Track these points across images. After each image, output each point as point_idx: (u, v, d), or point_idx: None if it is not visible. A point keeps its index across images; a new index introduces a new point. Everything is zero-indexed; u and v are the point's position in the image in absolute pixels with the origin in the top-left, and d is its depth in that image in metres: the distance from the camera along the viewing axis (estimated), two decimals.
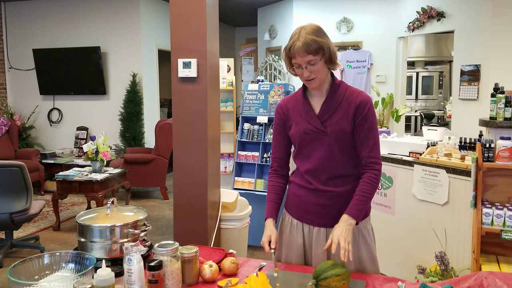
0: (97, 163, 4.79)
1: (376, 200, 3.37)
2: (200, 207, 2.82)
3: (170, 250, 1.52)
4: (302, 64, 1.68)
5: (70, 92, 7.22)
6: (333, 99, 1.75)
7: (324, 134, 1.74)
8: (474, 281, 1.51)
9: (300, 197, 1.84)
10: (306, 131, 1.77)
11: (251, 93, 4.42)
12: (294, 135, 1.82)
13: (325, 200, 1.78)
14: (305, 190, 1.83)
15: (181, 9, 2.75)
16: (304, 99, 1.81)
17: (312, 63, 1.67)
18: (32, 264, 1.50)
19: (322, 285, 1.49)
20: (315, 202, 1.80)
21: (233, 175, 4.41)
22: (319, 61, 1.67)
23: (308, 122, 1.77)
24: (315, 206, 1.80)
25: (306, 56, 1.65)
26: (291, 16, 7.15)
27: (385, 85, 6.67)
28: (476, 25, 5.21)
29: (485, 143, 2.43)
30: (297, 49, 1.65)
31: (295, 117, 1.81)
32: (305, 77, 1.71)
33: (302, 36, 1.65)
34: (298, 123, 1.80)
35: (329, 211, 1.77)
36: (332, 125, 1.73)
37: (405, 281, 1.60)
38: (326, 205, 1.78)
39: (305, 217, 1.83)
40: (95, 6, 7.02)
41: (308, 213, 1.82)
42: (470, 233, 2.65)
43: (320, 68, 1.69)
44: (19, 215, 3.71)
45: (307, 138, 1.78)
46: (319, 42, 1.66)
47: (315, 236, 1.81)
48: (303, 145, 1.81)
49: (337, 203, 1.75)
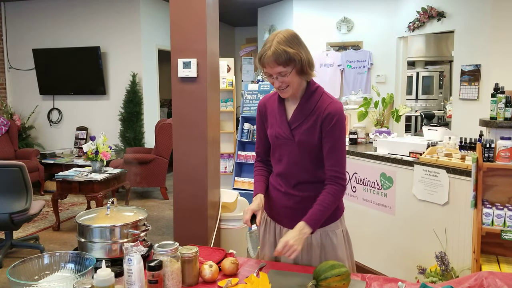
0: (97, 163, 4.79)
1: (376, 200, 3.37)
2: (200, 207, 2.82)
3: (170, 250, 1.52)
4: (273, 74, 1.63)
5: (70, 92, 7.22)
6: (306, 106, 1.72)
7: (292, 141, 1.74)
8: (474, 281, 1.51)
9: (272, 198, 1.87)
10: (277, 135, 1.77)
11: (251, 93, 4.42)
12: (269, 136, 1.83)
13: (293, 204, 1.80)
14: (276, 192, 1.85)
15: (181, 9, 2.75)
16: (279, 102, 1.79)
17: (283, 74, 1.61)
18: (32, 264, 1.50)
19: (322, 285, 1.49)
20: (285, 204, 1.82)
21: (233, 175, 4.41)
22: (290, 72, 1.61)
23: (279, 127, 1.76)
24: (285, 209, 1.82)
25: (276, 67, 1.60)
26: (291, 16, 7.15)
27: (385, 85, 6.67)
28: (477, 25, 5.21)
29: (486, 143, 2.42)
30: (267, 59, 1.59)
31: (271, 119, 1.82)
32: (276, 87, 1.69)
33: (273, 45, 1.58)
34: (272, 125, 1.80)
35: (298, 214, 1.76)
36: (300, 133, 1.72)
37: (405, 281, 1.60)
38: (294, 208, 1.79)
39: (276, 218, 1.87)
40: (95, 6, 7.02)
41: (279, 214, 1.85)
42: (470, 233, 2.65)
43: (292, 79, 1.63)
44: (19, 215, 3.70)
45: (278, 142, 1.78)
46: (290, 53, 1.58)
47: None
48: (275, 148, 1.82)
49: (305, 207, 1.74)
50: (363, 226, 3.47)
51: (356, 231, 3.49)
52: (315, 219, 1.67)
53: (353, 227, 3.33)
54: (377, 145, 3.48)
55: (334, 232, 1.81)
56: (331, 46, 6.96)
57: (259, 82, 5.03)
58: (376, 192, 3.38)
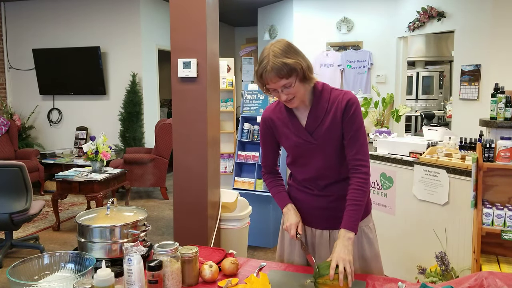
0: (97, 163, 4.79)
1: (376, 200, 3.37)
2: (200, 207, 2.82)
3: (170, 250, 1.52)
4: (277, 88, 1.61)
5: (70, 92, 7.22)
6: (318, 107, 1.70)
7: (315, 145, 1.71)
8: (475, 281, 1.51)
9: (300, 201, 1.83)
10: (296, 144, 1.73)
11: (251, 93, 4.42)
12: (287, 147, 1.79)
13: (326, 204, 1.77)
14: (305, 195, 1.81)
15: (181, 9, 2.75)
16: (288, 111, 1.75)
17: (287, 85, 1.59)
18: (32, 264, 1.50)
19: (319, 282, 1.50)
20: (316, 206, 1.78)
21: (233, 175, 4.41)
22: (294, 83, 1.59)
23: (297, 135, 1.72)
24: (317, 210, 1.79)
25: (279, 81, 1.57)
26: (291, 16, 7.15)
27: (385, 85, 6.67)
28: (477, 25, 5.21)
29: (486, 143, 2.42)
30: (268, 75, 1.57)
31: (283, 130, 1.77)
32: (283, 100, 1.66)
33: (271, 60, 1.56)
34: (288, 136, 1.75)
35: (332, 214, 1.75)
36: (322, 135, 1.69)
37: (405, 282, 1.60)
38: (327, 208, 1.77)
39: (308, 220, 1.82)
40: (95, 6, 7.02)
41: (310, 216, 1.81)
42: (470, 233, 2.65)
43: (297, 89, 1.61)
44: (19, 215, 3.70)
45: (299, 150, 1.75)
46: (290, 64, 1.56)
47: (318, 237, 1.80)
48: (297, 156, 1.78)
49: (338, 205, 1.73)
50: None
51: None
52: (352, 221, 1.64)
53: None
54: (377, 145, 3.48)
55: (368, 226, 1.80)
56: (331, 46, 6.96)
57: None
58: (376, 192, 3.38)
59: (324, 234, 1.79)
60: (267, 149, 1.87)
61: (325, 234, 1.79)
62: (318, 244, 1.80)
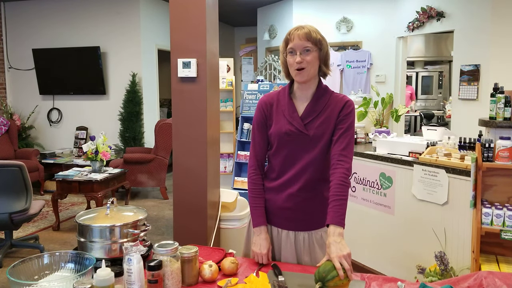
0: (97, 163, 4.80)
1: (376, 200, 3.37)
2: (200, 207, 2.83)
3: (170, 250, 1.52)
4: (297, 50, 1.70)
5: (69, 92, 7.22)
6: (318, 102, 1.76)
7: (306, 137, 1.73)
8: (474, 281, 1.51)
9: (268, 200, 1.84)
10: (287, 131, 1.74)
11: (251, 93, 4.42)
12: (274, 134, 1.78)
13: (293, 204, 1.78)
14: (273, 194, 1.82)
15: (181, 9, 2.75)
16: (289, 99, 1.79)
17: (308, 49, 1.69)
18: (31, 264, 1.50)
19: (331, 285, 1.48)
20: (283, 206, 1.80)
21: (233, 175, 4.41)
22: (314, 52, 1.70)
23: (290, 122, 1.75)
24: (283, 210, 1.80)
25: (305, 42, 1.69)
26: (291, 16, 7.15)
27: (385, 85, 6.67)
28: (476, 25, 5.21)
29: (485, 143, 2.43)
30: (299, 33, 1.70)
31: (277, 116, 1.79)
32: (296, 62, 1.70)
33: (307, 27, 1.73)
34: (279, 122, 1.77)
35: (298, 215, 1.76)
36: (315, 128, 1.73)
37: (404, 281, 1.60)
38: (294, 209, 1.78)
39: (274, 221, 1.83)
40: (95, 6, 7.02)
41: (276, 216, 1.82)
42: (469, 233, 2.65)
43: (313, 60, 1.71)
44: (19, 215, 3.70)
45: (286, 139, 1.75)
46: (321, 39, 1.73)
47: (283, 239, 1.81)
48: (283, 146, 1.77)
49: (305, 206, 1.75)
50: (362, 226, 3.48)
51: (356, 231, 3.50)
52: (339, 215, 1.64)
53: (352, 227, 3.34)
54: (376, 145, 3.49)
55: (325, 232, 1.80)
56: (330, 46, 6.94)
57: (258, 82, 5.03)
58: (376, 192, 3.38)
59: (290, 235, 1.80)
60: (260, 141, 1.84)
61: (291, 235, 1.80)
62: (284, 246, 1.81)
